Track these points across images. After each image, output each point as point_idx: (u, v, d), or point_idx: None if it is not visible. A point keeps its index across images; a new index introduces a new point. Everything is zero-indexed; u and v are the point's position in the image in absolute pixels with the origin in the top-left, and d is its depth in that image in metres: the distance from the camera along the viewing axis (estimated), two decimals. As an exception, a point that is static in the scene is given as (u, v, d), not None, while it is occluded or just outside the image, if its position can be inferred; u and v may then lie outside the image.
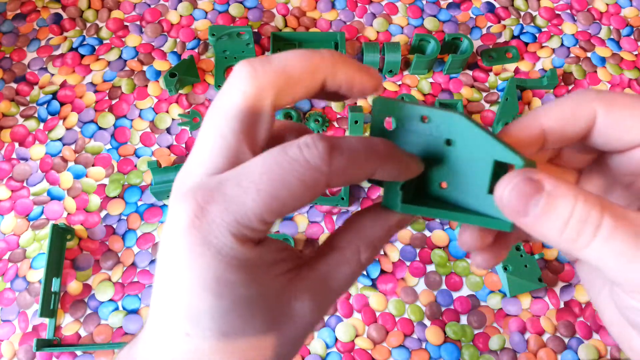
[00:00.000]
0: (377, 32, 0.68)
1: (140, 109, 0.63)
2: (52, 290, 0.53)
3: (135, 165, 0.60)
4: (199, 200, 0.19)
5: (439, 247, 0.58)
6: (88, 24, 0.67)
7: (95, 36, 0.66)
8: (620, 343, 0.24)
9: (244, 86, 0.20)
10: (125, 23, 0.67)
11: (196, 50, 0.66)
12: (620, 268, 0.19)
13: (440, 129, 0.21)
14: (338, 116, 0.63)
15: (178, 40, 0.67)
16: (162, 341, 0.21)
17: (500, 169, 0.20)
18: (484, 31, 0.69)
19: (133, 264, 0.56)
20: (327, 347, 0.54)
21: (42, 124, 0.62)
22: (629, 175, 0.22)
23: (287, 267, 0.22)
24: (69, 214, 0.58)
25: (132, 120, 0.62)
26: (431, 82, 0.65)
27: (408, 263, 0.57)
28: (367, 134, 0.62)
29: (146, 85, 0.64)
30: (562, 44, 0.68)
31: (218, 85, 0.64)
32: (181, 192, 0.20)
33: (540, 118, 0.22)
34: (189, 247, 0.19)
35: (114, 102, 0.63)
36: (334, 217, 0.58)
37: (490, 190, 0.20)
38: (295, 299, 0.21)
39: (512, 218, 0.20)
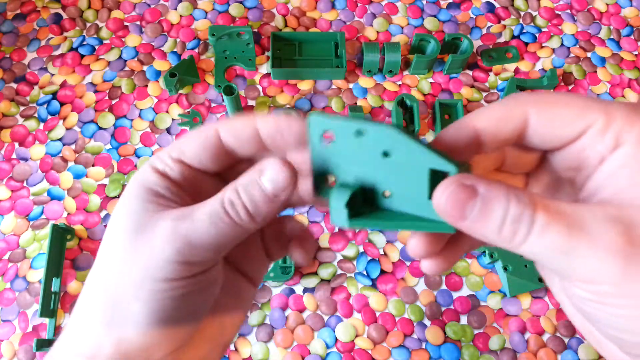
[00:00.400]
0: (377, 32, 0.68)
1: (140, 109, 0.63)
2: (52, 290, 0.53)
3: (136, 165, 0.60)
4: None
5: (439, 247, 0.58)
6: (88, 24, 0.67)
7: (95, 36, 0.66)
8: (585, 335, 0.24)
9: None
10: (125, 23, 0.67)
11: (196, 50, 0.66)
12: (557, 260, 0.19)
13: (376, 142, 0.22)
14: (338, 116, 0.63)
15: (178, 40, 0.67)
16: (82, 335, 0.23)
17: (437, 176, 0.21)
18: (484, 31, 0.69)
19: (133, 264, 0.56)
20: (327, 347, 0.54)
21: (42, 124, 0.62)
22: (570, 171, 0.23)
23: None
24: (69, 214, 0.58)
25: (132, 120, 0.62)
26: (431, 82, 0.65)
27: (408, 263, 0.57)
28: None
29: (146, 85, 0.64)
30: (562, 44, 0.68)
31: (218, 85, 0.64)
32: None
33: (473, 120, 0.22)
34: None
35: (114, 102, 0.63)
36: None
37: (430, 197, 0.21)
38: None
39: (452, 223, 0.20)
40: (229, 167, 0.25)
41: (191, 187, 0.24)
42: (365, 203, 0.23)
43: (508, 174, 0.26)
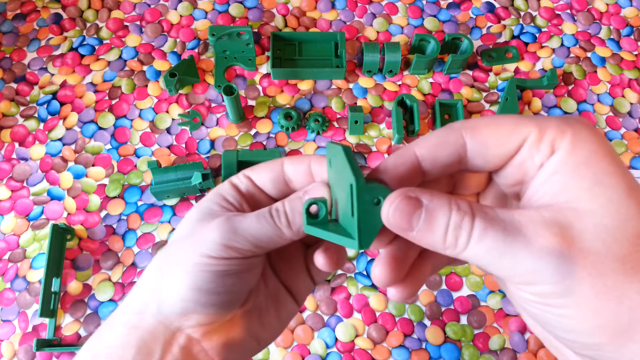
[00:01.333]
0: (377, 32, 0.68)
1: (140, 109, 0.63)
2: (52, 290, 0.53)
3: (135, 165, 0.60)
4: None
5: (439, 247, 0.58)
6: (88, 24, 0.67)
7: (95, 36, 0.66)
8: (543, 342, 0.25)
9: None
10: (125, 23, 0.67)
11: (196, 50, 0.66)
12: (495, 262, 0.20)
13: (335, 163, 0.24)
14: (338, 116, 0.63)
15: (178, 40, 0.67)
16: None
17: (362, 197, 0.22)
18: (484, 31, 0.69)
19: (133, 264, 0.56)
20: (327, 347, 0.54)
21: (42, 124, 0.62)
22: (515, 186, 0.24)
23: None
24: (69, 214, 0.58)
25: (132, 120, 0.62)
26: (431, 82, 0.65)
27: (408, 263, 0.57)
28: (369, 133, 0.62)
29: (146, 85, 0.64)
30: (562, 44, 0.68)
31: (218, 85, 0.64)
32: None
33: (413, 148, 0.24)
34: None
35: (114, 102, 0.63)
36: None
37: (352, 214, 0.22)
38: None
39: (401, 234, 0.22)
40: (286, 194, 0.28)
41: (253, 201, 0.28)
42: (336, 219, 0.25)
43: (460, 196, 0.27)
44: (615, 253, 0.19)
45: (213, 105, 0.63)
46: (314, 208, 0.25)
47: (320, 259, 0.26)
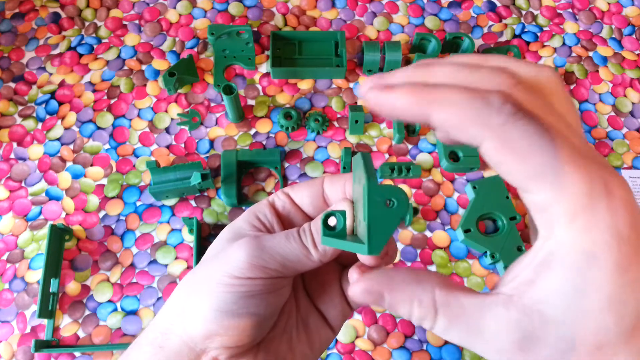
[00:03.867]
0: (378, 31, 0.68)
1: (139, 109, 0.62)
2: (51, 291, 0.53)
3: (134, 165, 0.60)
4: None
5: (440, 248, 0.57)
6: (87, 23, 0.67)
7: (93, 35, 0.66)
8: None
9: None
10: (124, 22, 0.67)
11: (195, 49, 0.66)
12: (463, 344, 0.21)
13: (357, 174, 0.24)
14: (338, 116, 0.63)
15: (177, 39, 0.66)
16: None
17: (375, 206, 0.21)
18: (485, 30, 0.69)
19: (132, 265, 0.56)
20: (327, 348, 0.53)
21: (40, 124, 0.61)
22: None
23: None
24: (67, 214, 0.57)
25: (130, 119, 0.62)
26: (432, 82, 0.65)
27: (409, 264, 0.57)
28: (369, 133, 0.62)
29: (145, 85, 0.63)
30: (563, 43, 0.68)
31: (217, 85, 0.63)
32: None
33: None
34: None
35: (112, 101, 0.63)
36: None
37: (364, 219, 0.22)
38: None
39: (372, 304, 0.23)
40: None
41: (288, 220, 0.28)
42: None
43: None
44: None
45: (212, 104, 0.63)
46: (332, 220, 0.24)
47: (353, 275, 0.25)
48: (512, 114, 0.18)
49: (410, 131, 0.62)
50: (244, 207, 0.58)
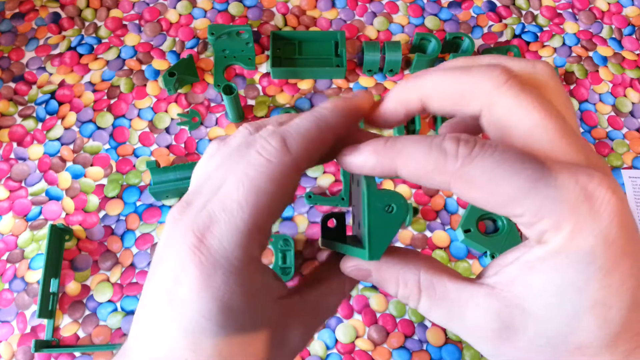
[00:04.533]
0: (378, 31, 0.68)
1: (139, 109, 0.62)
2: (51, 291, 0.53)
3: (134, 165, 0.60)
4: (197, 234, 0.20)
5: (440, 248, 0.57)
6: (87, 23, 0.67)
7: (93, 35, 0.66)
8: None
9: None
10: (124, 22, 0.67)
11: (195, 49, 0.66)
12: (445, 326, 0.22)
13: (356, 177, 0.24)
14: (338, 116, 0.63)
15: (177, 39, 0.66)
16: None
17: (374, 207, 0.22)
18: (485, 30, 0.69)
19: (132, 265, 0.56)
20: (328, 348, 0.53)
21: (40, 124, 0.61)
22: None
23: (281, 293, 0.23)
24: (67, 214, 0.57)
25: (130, 119, 0.62)
26: (432, 82, 0.65)
27: (409, 264, 0.57)
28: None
29: (145, 85, 0.63)
30: (563, 43, 0.68)
31: (217, 85, 0.63)
32: (178, 221, 0.21)
33: (420, 90, 0.22)
34: (194, 279, 0.20)
35: (112, 101, 0.63)
36: (334, 218, 0.58)
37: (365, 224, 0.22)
38: (289, 326, 0.23)
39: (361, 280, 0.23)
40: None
41: None
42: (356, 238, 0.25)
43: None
44: None
45: (212, 104, 0.63)
46: (332, 222, 0.24)
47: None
48: (466, 156, 0.19)
49: (410, 131, 0.62)
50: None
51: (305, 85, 0.64)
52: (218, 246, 0.20)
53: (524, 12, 0.70)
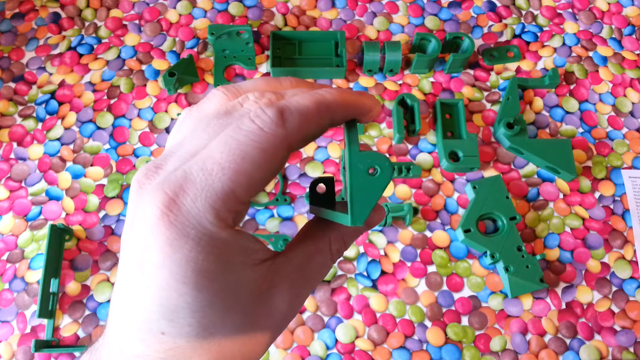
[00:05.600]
0: (378, 31, 0.68)
1: (139, 109, 0.62)
2: (51, 291, 0.53)
3: (134, 165, 0.60)
4: (168, 193, 0.19)
5: (440, 248, 0.57)
6: (87, 23, 0.67)
7: (93, 35, 0.66)
8: None
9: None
10: (124, 22, 0.67)
11: (195, 49, 0.66)
12: None
13: (346, 143, 0.23)
14: (338, 116, 0.63)
15: (177, 39, 0.66)
16: (132, 344, 0.20)
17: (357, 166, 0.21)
18: (485, 30, 0.69)
19: (132, 265, 0.56)
20: (327, 348, 0.53)
21: (40, 124, 0.61)
22: None
23: (263, 256, 0.22)
24: (67, 214, 0.57)
25: (130, 119, 0.62)
26: (432, 82, 0.65)
27: (409, 264, 0.57)
28: (369, 133, 0.62)
29: (145, 85, 0.63)
30: (563, 43, 0.68)
31: (217, 85, 0.63)
32: (146, 184, 0.20)
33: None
34: (164, 241, 0.19)
35: (112, 101, 0.63)
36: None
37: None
38: (274, 289, 0.22)
39: None
40: None
41: None
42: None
43: None
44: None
45: (212, 104, 0.63)
46: (320, 188, 0.23)
47: None
48: None
49: (410, 131, 0.62)
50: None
51: (305, 85, 0.64)
52: (191, 206, 0.19)
53: (524, 12, 0.70)
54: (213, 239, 0.19)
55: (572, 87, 0.66)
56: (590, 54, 0.67)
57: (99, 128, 0.61)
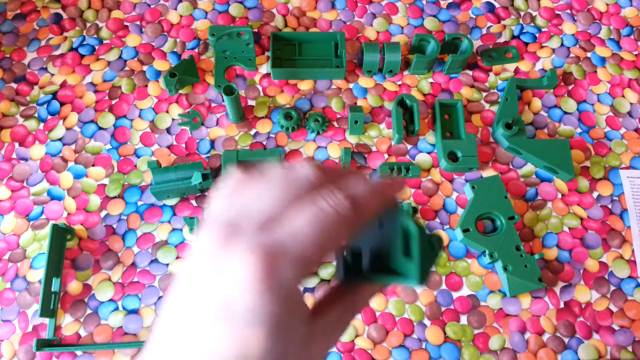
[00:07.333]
0: (377, 32, 0.68)
1: (140, 109, 0.63)
2: (52, 290, 0.53)
3: (135, 165, 0.60)
4: (267, 259, 0.22)
5: (439, 247, 0.58)
6: (88, 24, 0.67)
7: (95, 36, 0.66)
8: None
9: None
10: (125, 23, 0.67)
11: (196, 50, 0.66)
12: None
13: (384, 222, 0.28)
14: (338, 116, 0.63)
15: (178, 40, 0.67)
16: None
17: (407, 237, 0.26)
18: (484, 31, 0.69)
19: (133, 264, 0.56)
20: (327, 347, 0.54)
21: (42, 124, 0.62)
22: None
23: (309, 314, 0.25)
24: (69, 213, 0.58)
25: (132, 120, 0.62)
26: (431, 82, 0.65)
27: (408, 263, 0.57)
28: (369, 133, 0.62)
29: (146, 85, 0.64)
30: (562, 44, 0.68)
31: (218, 85, 0.64)
32: (235, 242, 0.22)
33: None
34: (261, 299, 0.21)
35: (114, 102, 0.63)
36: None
37: (405, 253, 0.26)
38: (313, 344, 0.25)
39: None
40: None
41: None
42: (378, 264, 0.28)
43: None
44: None
45: (213, 105, 0.63)
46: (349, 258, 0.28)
47: None
48: None
49: (409, 131, 0.62)
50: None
51: (305, 85, 0.64)
52: (285, 270, 0.22)
53: (522, 13, 0.70)
54: (291, 300, 0.23)
55: (570, 87, 0.66)
56: (589, 54, 0.68)
57: (100, 128, 0.62)
